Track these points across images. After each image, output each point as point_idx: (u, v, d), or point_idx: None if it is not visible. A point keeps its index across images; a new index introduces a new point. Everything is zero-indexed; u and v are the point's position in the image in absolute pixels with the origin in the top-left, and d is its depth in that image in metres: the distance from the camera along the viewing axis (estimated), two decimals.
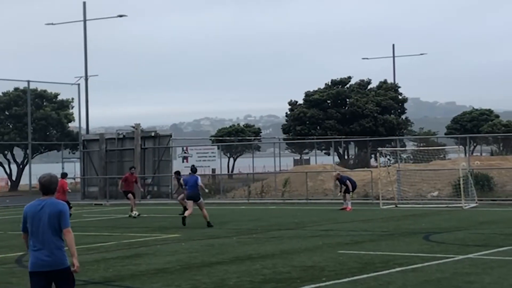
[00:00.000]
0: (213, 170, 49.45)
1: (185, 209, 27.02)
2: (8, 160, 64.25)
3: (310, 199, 39.69)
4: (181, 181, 30.37)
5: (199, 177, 26.15)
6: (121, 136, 48.60)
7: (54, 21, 60.76)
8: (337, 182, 33.93)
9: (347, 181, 32.67)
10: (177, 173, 34.63)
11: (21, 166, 64.23)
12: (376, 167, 44.04)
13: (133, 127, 48.36)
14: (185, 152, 46.54)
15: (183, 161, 46.28)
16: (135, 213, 31.32)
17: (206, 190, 26.84)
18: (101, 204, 43.61)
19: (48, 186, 9.13)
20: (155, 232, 24.36)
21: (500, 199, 35.30)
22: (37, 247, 9.03)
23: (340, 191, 33.16)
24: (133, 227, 26.83)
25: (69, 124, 64.44)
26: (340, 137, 63.90)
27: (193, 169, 26.74)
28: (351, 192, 32.86)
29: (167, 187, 46.29)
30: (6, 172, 64.92)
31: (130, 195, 31.79)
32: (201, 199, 26.05)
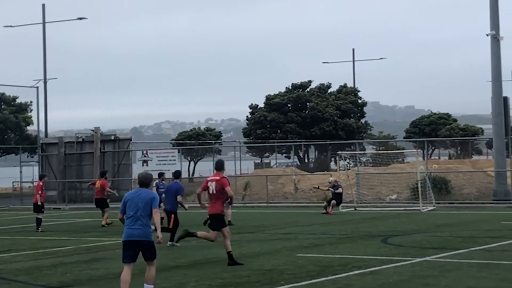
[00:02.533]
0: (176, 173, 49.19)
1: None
2: None
3: (271, 203, 39.75)
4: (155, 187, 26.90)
5: (182, 188, 22.06)
6: (80, 140, 48.22)
7: (12, 23, 60.10)
8: (331, 188, 33.21)
9: (340, 188, 32.63)
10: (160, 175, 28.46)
11: None
12: (336, 170, 44.23)
13: (93, 131, 48.02)
14: (145, 156, 46.31)
15: (143, 165, 46.05)
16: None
17: (186, 207, 22.95)
18: (60, 208, 43.22)
19: (143, 180, 12.47)
20: (114, 237, 24.08)
21: (458, 202, 35.62)
22: (131, 223, 12.19)
23: (331, 198, 32.60)
24: (92, 231, 26.61)
25: (28, 128, 63.88)
26: (300, 140, 64.08)
27: (177, 174, 23.08)
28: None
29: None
30: None
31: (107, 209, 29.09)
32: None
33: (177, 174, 22.98)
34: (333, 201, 32.10)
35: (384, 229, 24.15)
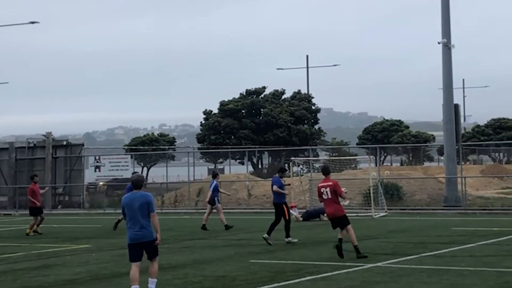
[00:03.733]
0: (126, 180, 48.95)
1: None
2: None
3: (223, 209, 39.59)
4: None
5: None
6: (31, 145, 47.69)
7: None
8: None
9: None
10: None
11: None
12: (289, 176, 44.36)
13: (44, 136, 47.52)
14: (97, 161, 45.91)
15: (95, 170, 45.71)
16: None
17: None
18: (10, 214, 42.72)
19: (136, 183, 13.07)
20: (65, 243, 23.97)
21: (409, 208, 35.91)
22: (132, 226, 12.96)
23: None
24: (42, 237, 26.32)
25: None
26: (254, 146, 64.16)
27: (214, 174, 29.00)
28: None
29: (78, 197, 45.61)
30: None
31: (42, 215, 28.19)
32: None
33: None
34: None
35: (335, 235, 24.09)
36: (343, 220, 18.40)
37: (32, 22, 56.44)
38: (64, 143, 47.56)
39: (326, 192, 18.36)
